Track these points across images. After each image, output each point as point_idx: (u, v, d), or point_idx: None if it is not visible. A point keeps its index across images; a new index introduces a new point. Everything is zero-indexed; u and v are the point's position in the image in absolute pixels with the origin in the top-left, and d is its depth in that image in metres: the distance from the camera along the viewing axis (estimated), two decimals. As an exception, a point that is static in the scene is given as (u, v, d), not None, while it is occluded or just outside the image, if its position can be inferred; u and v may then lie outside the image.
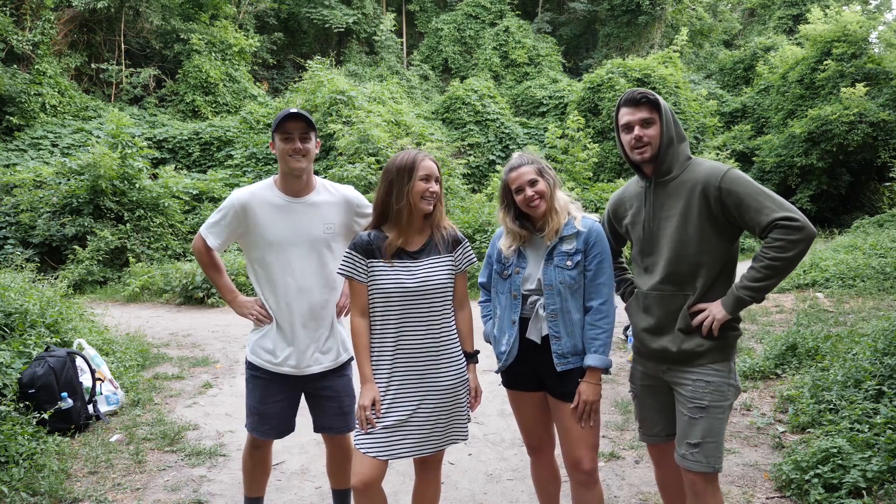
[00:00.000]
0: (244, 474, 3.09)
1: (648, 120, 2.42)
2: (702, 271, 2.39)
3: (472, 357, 2.67)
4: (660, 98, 2.44)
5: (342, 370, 2.95)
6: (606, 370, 2.52)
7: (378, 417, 2.51)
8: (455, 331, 2.63)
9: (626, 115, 2.46)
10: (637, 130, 2.42)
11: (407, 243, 2.56)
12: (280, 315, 2.80)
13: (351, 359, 2.98)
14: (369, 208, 2.94)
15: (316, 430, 3.01)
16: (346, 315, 2.97)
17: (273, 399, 2.86)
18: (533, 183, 2.57)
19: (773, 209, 2.25)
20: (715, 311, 2.36)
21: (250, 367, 2.89)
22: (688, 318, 2.40)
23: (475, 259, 2.69)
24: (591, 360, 2.50)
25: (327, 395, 2.91)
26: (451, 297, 2.61)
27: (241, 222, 2.78)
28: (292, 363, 2.80)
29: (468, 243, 2.67)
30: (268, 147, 17.55)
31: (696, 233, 2.37)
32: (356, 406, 2.55)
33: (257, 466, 3.05)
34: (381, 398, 2.52)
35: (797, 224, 2.21)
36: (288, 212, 2.78)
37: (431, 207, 2.55)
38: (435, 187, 2.53)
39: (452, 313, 2.63)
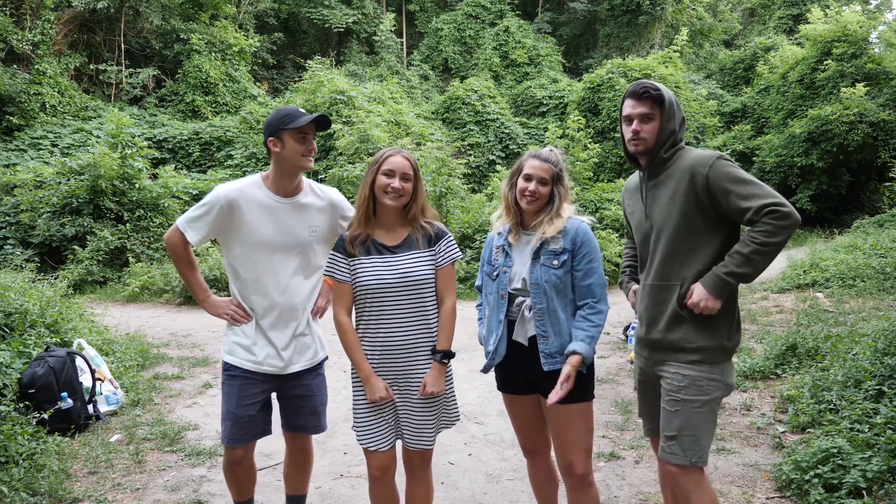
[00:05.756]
0: (229, 487, 2.97)
1: (648, 115, 2.41)
2: (690, 263, 2.38)
3: (437, 354, 2.55)
4: (665, 92, 2.41)
5: (318, 369, 2.92)
6: (586, 361, 2.46)
7: (369, 413, 2.59)
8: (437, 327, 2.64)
9: (627, 108, 2.47)
10: (635, 124, 2.43)
11: (382, 237, 2.58)
12: (261, 314, 2.75)
13: (326, 358, 2.97)
14: (352, 211, 2.93)
15: (287, 429, 2.95)
16: (321, 316, 2.96)
17: (251, 400, 2.77)
18: (542, 182, 2.57)
19: (761, 196, 2.26)
20: (702, 295, 2.32)
21: (227, 368, 2.80)
22: (676, 310, 2.38)
23: (459, 253, 2.67)
24: (574, 345, 2.46)
25: (302, 395, 2.87)
26: (433, 293, 2.60)
27: (226, 219, 2.68)
28: (272, 362, 2.76)
29: (452, 237, 2.66)
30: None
31: (683, 223, 2.37)
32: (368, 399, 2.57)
33: (243, 478, 2.94)
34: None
35: (786, 210, 2.23)
36: (276, 212, 2.72)
37: (394, 203, 2.53)
38: (397, 184, 2.51)
39: (435, 309, 2.61)
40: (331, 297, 2.96)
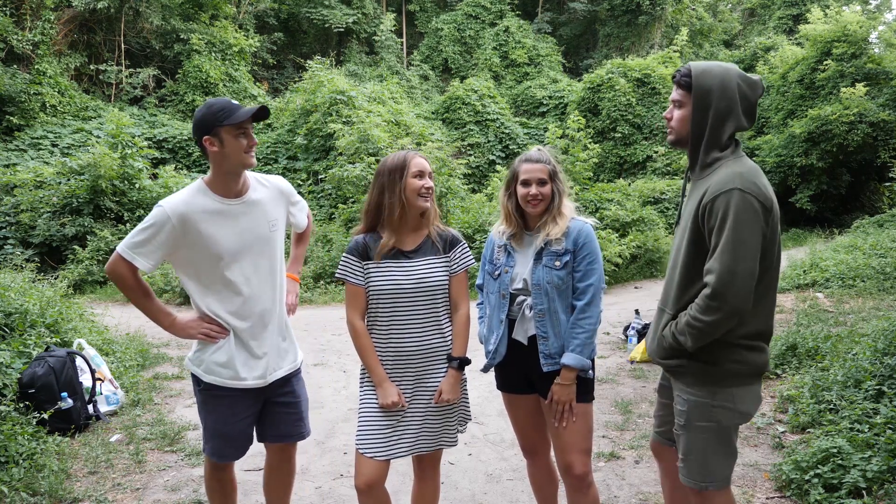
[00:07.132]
0: (211, 500, 2.83)
1: (678, 102, 2.25)
2: (686, 290, 2.20)
3: (453, 361, 2.56)
4: (698, 78, 2.16)
5: (298, 372, 2.79)
6: (583, 371, 2.49)
7: (376, 417, 2.52)
8: (451, 332, 2.62)
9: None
10: (668, 111, 2.30)
11: (402, 243, 2.56)
12: (237, 326, 2.53)
13: (302, 360, 2.86)
14: (297, 196, 2.86)
15: (268, 440, 2.76)
16: (293, 313, 2.87)
17: (239, 417, 2.61)
18: (542, 183, 2.57)
19: (722, 265, 2.00)
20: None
21: (208, 388, 2.57)
22: (662, 340, 2.27)
23: (473, 260, 2.67)
24: (566, 358, 2.48)
25: (288, 401, 2.71)
26: (446, 299, 2.59)
27: (179, 237, 2.42)
28: (257, 374, 2.57)
29: (466, 244, 2.65)
30: (266, 146, 17.70)
31: (685, 245, 2.19)
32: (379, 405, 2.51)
33: (225, 487, 2.80)
34: (376, 396, 2.53)
35: (724, 297, 2.00)
36: (231, 216, 2.50)
37: (428, 204, 2.53)
38: (430, 183, 2.53)
39: (448, 315, 2.61)
40: (297, 291, 2.94)
